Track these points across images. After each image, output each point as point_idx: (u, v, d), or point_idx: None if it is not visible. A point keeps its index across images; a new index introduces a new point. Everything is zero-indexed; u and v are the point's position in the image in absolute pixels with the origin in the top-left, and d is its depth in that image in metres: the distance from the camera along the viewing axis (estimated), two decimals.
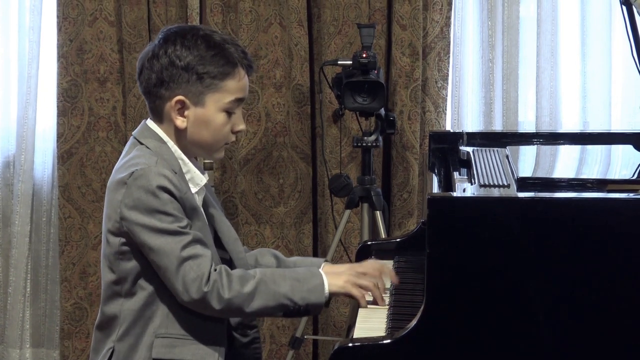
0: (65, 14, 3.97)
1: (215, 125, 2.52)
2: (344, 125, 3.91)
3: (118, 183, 2.45)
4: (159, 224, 2.40)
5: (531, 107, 3.97)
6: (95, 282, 4.06)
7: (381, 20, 3.87)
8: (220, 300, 2.41)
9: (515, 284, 2.19)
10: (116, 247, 2.46)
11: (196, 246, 2.42)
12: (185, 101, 2.49)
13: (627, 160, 2.83)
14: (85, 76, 4.00)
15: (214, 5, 3.91)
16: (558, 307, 2.19)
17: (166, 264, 2.41)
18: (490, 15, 3.94)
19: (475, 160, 2.79)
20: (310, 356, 4.04)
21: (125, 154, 2.54)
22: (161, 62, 2.49)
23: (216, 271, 2.42)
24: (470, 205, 2.23)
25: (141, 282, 2.47)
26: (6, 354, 4.17)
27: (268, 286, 2.44)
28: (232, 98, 2.51)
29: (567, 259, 2.18)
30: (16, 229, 4.12)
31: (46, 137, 4.13)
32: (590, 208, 2.22)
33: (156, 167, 2.43)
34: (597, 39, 3.92)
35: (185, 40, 2.49)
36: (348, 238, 3.89)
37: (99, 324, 2.54)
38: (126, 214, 2.42)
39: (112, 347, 2.49)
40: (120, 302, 2.49)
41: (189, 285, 2.40)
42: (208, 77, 2.48)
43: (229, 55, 2.50)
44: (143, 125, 2.55)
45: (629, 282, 2.19)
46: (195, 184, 2.53)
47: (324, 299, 2.47)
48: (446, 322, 2.21)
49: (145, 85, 2.52)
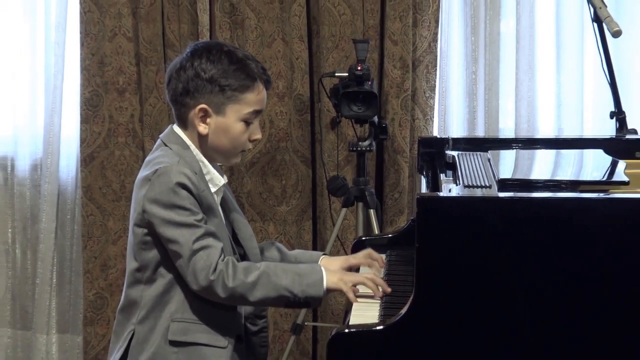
0: (88, 30, 3.97)
1: (234, 133, 2.53)
2: (341, 131, 3.90)
3: (143, 179, 2.47)
4: (176, 217, 2.41)
5: (510, 115, 3.97)
6: (115, 273, 4.06)
7: (374, 36, 3.87)
8: (225, 288, 2.41)
9: (496, 275, 2.19)
10: (140, 237, 2.47)
11: (208, 238, 2.43)
12: (207, 110, 2.50)
13: (597, 163, 2.82)
14: (106, 87, 4.00)
15: (222, 23, 3.91)
16: (535, 296, 2.19)
17: (180, 253, 2.42)
18: (474, 31, 3.93)
19: (459, 163, 2.79)
20: (310, 341, 4.04)
21: (151, 153, 2.56)
22: (188, 74, 2.50)
23: (223, 262, 2.42)
24: (455, 204, 2.23)
25: (160, 270, 2.48)
26: (34, 338, 4.17)
27: (270, 278, 2.44)
28: (250, 109, 2.52)
29: (542, 253, 2.18)
30: (43, 225, 4.12)
31: (70, 142, 4.13)
32: (564, 207, 2.22)
33: (177, 166, 2.45)
34: (571, 52, 3.92)
35: (211, 55, 2.50)
36: (344, 234, 3.88)
37: (122, 307, 2.55)
38: (148, 207, 2.43)
39: (133, 330, 2.50)
40: (141, 288, 2.50)
41: (197, 273, 2.41)
42: (229, 89, 2.49)
43: (249, 71, 2.51)
44: (169, 130, 2.57)
45: (597, 273, 2.19)
46: (214, 184, 2.55)
47: (322, 293, 2.47)
48: (433, 310, 2.21)
49: (172, 94, 2.54)
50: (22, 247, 4.19)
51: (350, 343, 2.24)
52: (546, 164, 2.93)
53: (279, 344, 4.02)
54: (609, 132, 3.39)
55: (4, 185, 4.18)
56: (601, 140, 3.15)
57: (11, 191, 4.17)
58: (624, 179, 2.46)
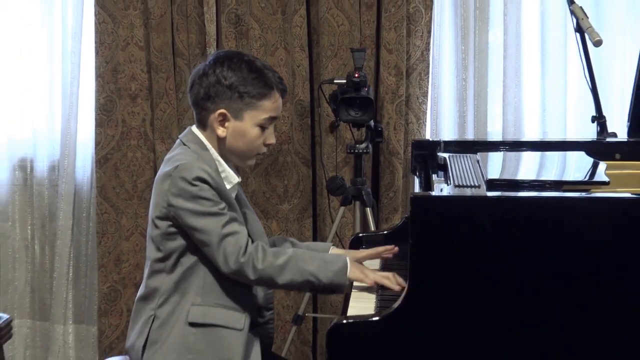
0: (102, 40, 3.97)
1: (250, 137, 2.53)
2: (339, 134, 3.90)
3: (164, 175, 2.48)
4: (201, 208, 2.42)
5: (498, 119, 3.97)
6: (128, 267, 4.06)
7: (371, 45, 3.87)
8: (255, 270, 2.42)
9: (484, 270, 2.19)
10: (164, 229, 2.48)
11: (234, 224, 2.44)
12: (226, 114, 2.51)
13: (580, 165, 2.83)
14: (119, 93, 4.00)
15: (228, 33, 3.91)
16: (522, 289, 2.19)
17: (209, 241, 2.43)
18: (464, 41, 3.93)
19: (450, 164, 2.78)
20: (311, 331, 4.04)
21: (170, 151, 2.58)
22: (210, 80, 2.51)
23: (253, 245, 2.44)
24: (446, 203, 2.23)
25: (182, 259, 2.49)
26: (52, 329, 4.17)
27: (298, 263, 2.45)
28: (267, 116, 2.53)
29: (527, 249, 2.18)
30: (60, 223, 4.11)
31: (86, 144, 4.12)
32: (548, 205, 2.22)
33: (197, 162, 2.47)
34: (555, 61, 3.92)
35: (232, 63, 2.51)
36: (342, 231, 3.88)
37: (142, 295, 2.56)
38: (173, 201, 2.44)
39: (153, 314, 2.51)
40: (162, 277, 2.51)
41: (228, 257, 2.42)
42: (248, 96, 2.50)
43: (267, 80, 2.52)
44: (188, 131, 2.59)
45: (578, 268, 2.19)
46: (229, 182, 2.56)
47: (346, 281, 2.47)
48: (426, 302, 2.21)
49: (195, 98, 2.55)
50: (40, 243, 4.19)
51: (348, 333, 2.25)
52: (531, 165, 2.93)
53: (282, 333, 4.02)
54: (591, 135, 3.39)
55: (23, 185, 4.18)
56: (583, 143, 3.14)
57: (30, 191, 4.17)
58: (605, 179, 2.47)
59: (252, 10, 3.91)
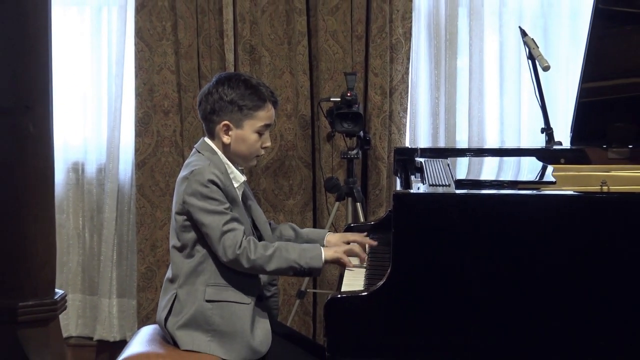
0: (141, 65, 3.96)
1: (250, 142, 2.54)
2: (335, 143, 3.89)
3: (182, 178, 2.49)
4: (209, 206, 2.42)
5: (465, 130, 3.96)
6: (161, 252, 4.05)
7: (360, 70, 3.86)
8: (248, 260, 2.43)
9: (454, 254, 2.19)
10: (181, 222, 2.48)
11: (233, 223, 2.44)
12: (229, 125, 2.51)
13: (531, 168, 2.83)
14: (155, 109, 3.99)
15: (244, 60, 3.90)
16: (485, 270, 2.19)
17: (212, 234, 2.43)
18: (436, 66, 3.93)
19: (426, 167, 2.79)
20: (312, 304, 4.03)
21: (188, 158, 2.58)
22: (214, 97, 2.51)
23: (246, 240, 2.43)
24: (423, 199, 2.23)
25: (197, 247, 2.49)
26: (99, 302, 4.17)
27: (282, 253, 2.45)
28: (262, 123, 2.53)
29: (489, 237, 2.18)
30: (106, 215, 4.11)
31: (127, 151, 4.12)
32: (505, 201, 2.22)
33: (209, 167, 2.46)
34: (511, 82, 3.92)
35: (231, 82, 2.51)
36: (337, 222, 3.88)
37: (168, 277, 2.57)
38: (187, 199, 2.44)
39: (175, 293, 2.51)
40: (181, 262, 2.52)
41: (226, 249, 2.42)
42: (246, 108, 2.51)
43: (260, 94, 2.52)
44: (201, 141, 2.59)
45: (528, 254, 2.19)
46: (236, 181, 2.56)
47: (321, 264, 2.47)
48: (406, 280, 2.21)
49: (203, 113, 2.55)
50: (89, 232, 4.19)
51: (342, 305, 2.25)
52: (492, 168, 2.93)
53: (287, 306, 4.01)
54: (540, 143, 3.39)
55: (76, 184, 4.17)
56: (534, 150, 3.15)
57: (81, 189, 4.17)
58: (552, 179, 2.47)
59: (264, 41, 3.90)
